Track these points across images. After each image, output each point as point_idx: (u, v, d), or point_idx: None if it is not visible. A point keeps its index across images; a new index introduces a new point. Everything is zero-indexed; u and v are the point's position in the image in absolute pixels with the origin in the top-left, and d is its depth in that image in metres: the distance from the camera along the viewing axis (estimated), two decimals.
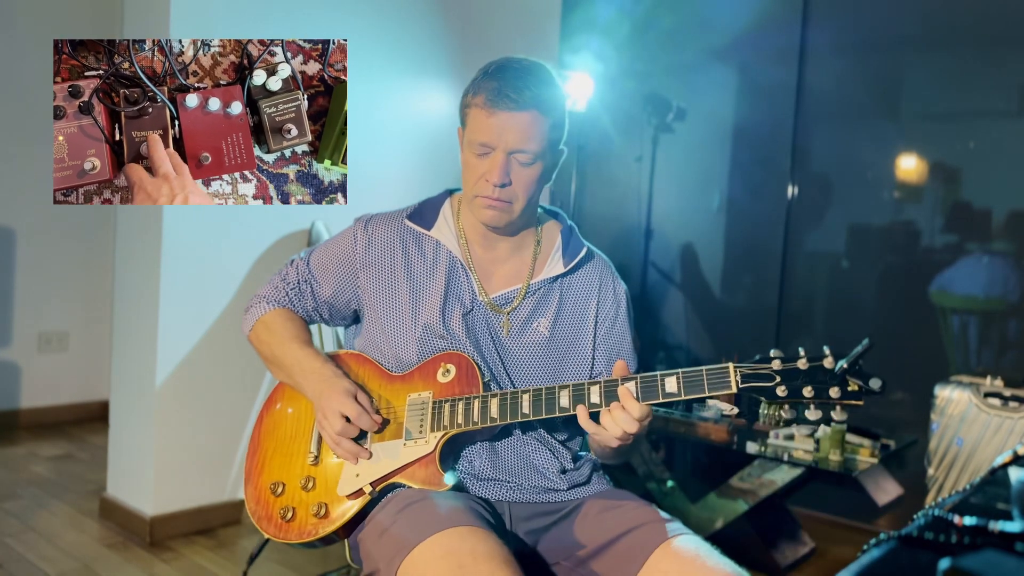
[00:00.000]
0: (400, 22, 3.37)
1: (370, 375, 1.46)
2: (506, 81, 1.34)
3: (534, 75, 1.37)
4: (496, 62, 1.39)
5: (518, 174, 1.38)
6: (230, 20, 2.76)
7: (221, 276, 2.87)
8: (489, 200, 1.39)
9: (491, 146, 1.36)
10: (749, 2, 3.48)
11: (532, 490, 1.43)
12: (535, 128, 1.36)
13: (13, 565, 2.50)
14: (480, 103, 1.36)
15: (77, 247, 4.13)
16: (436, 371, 1.41)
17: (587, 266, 1.53)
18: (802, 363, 1.19)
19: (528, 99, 1.34)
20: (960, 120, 3.09)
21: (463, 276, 1.47)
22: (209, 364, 2.85)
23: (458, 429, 1.34)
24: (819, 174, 3.37)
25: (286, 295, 1.56)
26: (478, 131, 1.37)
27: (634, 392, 1.25)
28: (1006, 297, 2.94)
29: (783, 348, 1.21)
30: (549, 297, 1.48)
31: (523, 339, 1.46)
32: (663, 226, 3.65)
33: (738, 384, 1.21)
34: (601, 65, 3.67)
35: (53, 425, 4.03)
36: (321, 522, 1.38)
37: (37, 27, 3.85)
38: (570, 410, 1.28)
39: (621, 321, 1.54)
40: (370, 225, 1.51)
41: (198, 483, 2.87)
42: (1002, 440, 2.43)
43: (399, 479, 1.35)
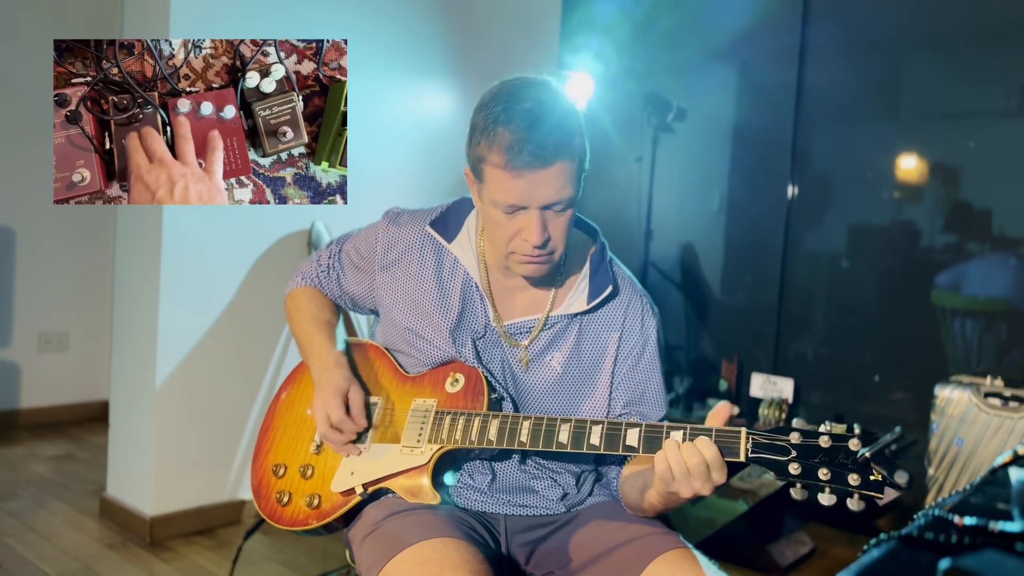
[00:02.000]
0: (400, 22, 3.37)
1: (384, 370, 1.45)
2: (524, 135, 1.19)
3: (552, 116, 1.22)
4: (502, 101, 1.23)
5: (554, 224, 1.26)
6: (230, 20, 2.76)
7: (221, 276, 2.87)
8: (529, 258, 1.28)
9: (522, 205, 1.24)
10: (749, 2, 3.48)
11: (529, 509, 1.41)
12: (565, 176, 1.23)
13: (13, 565, 2.50)
14: (499, 163, 1.22)
15: (77, 247, 4.13)
16: (446, 379, 1.38)
17: (617, 297, 1.41)
18: (824, 440, 1.08)
19: (553, 151, 1.20)
20: (960, 120, 3.09)
21: (478, 300, 1.40)
22: (209, 364, 2.85)
23: (454, 445, 1.30)
24: (819, 174, 3.37)
25: (317, 276, 1.57)
26: (503, 192, 1.24)
27: (637, 442, 1.17)
28: (1006, 297, 2.94)
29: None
30: (568, 331, 1.39)
31: (535, 373, 1.38)
32: (663, 226, 3.66)
33: (748, 453, 1.11)
34: (601, 65, 3.67)
35: (53, 425, 4.03)
36: (313, 514, 1.37)
37: (37, 27, 3.85)
38: (567, 446, 1.22)
39: (648, 361, 1.41)
40: (394, 225, 1.46)
41: (198, 483, 2.87)
42: (1002, 440, 2.43)
43: (389, 485, 1.33)
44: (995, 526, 0.86)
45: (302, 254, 3.05)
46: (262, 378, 3.02)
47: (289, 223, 3.02)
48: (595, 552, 1.33)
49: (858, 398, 3.24)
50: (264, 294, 2.97)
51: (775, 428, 1.12)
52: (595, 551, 1.33)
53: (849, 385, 3.29)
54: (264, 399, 3.01)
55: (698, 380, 3.49)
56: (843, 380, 3.31)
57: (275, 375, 3.04)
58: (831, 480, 1.07)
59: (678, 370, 3.55)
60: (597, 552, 1.33)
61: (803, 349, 3.41)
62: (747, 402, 3.23)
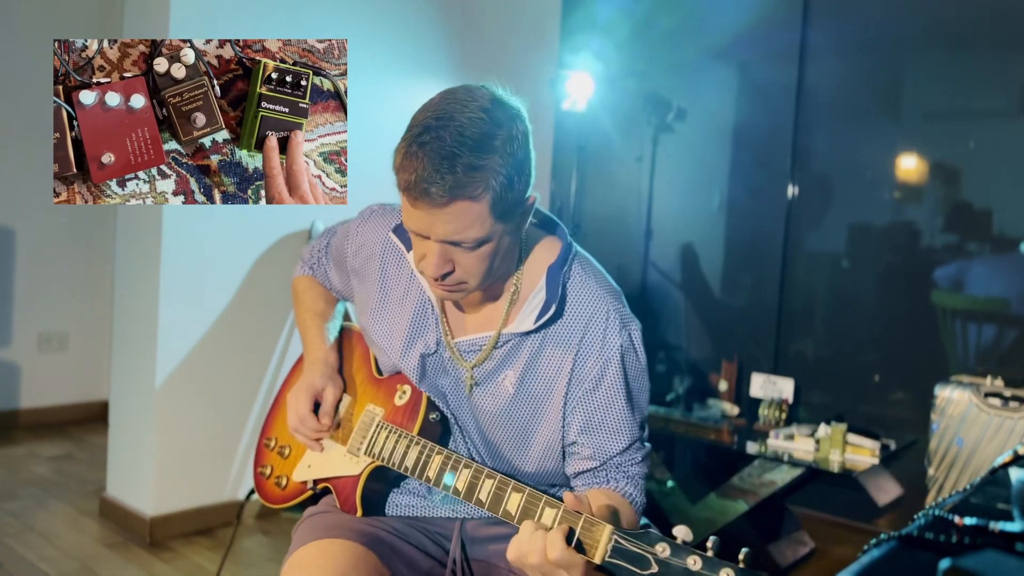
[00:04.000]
0: (400, 22, 3.37)
1: (360, 366, 1.45)
2: (419, 170, 1.07)
3: (459, 152, 1.07)
4: (417, 123, 1.12)
5: (462, 259, 1.14)
6: (230, 20, 2.76)
7: (221, 276, 2.87)
8: (434, 283, 1.18)
9: (423, 235, 1.14)
10: (749, 2, 3.48)
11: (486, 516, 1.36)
12: (468, 217, 1.09)
13: (13, 565, 2.50)
14: (401, 187, 1.12)
15: (77, 247, 4.13)
16: (396, 390, 1.34)
17: (574, 312, 1.24)
18: (692, 561, 0.93)
19: (449, 191, 1.07)
20: (960, 120, 3.09)
21: (430, 314, 1.31)
22: (209, 364, 2.85)
23: (382, 463, 1.28)
24: (819, 174, 3.37)
25: (311, 264, 1.58)
26: (407, 216, 1.14)
27: (515, 510, 1.09)
28: (1006, 297, 2.94)
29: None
30: (520, 349, 1.25)
31: (486, 394, 1.27)
32: (663, 226, 3.65)
33: (605, 555, 0.98)
34: (601, 65, 3.67)
35: (53, 425, 4.03)
36: (280, 495, 1.44)
37: (37, 27, 3.85)
38: (461, 494, 1.17)
39: (608, 386, 1.22)
40: (363, 226, 1.41)
41: (198, 483, 2.87)
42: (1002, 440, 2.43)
43: (331, 486, 1.36)
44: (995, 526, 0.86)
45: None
46: (262, 378, 3.01)
47: (289, 223, 3.02)
48: None
49: (858, 398, 3.24)
50: (264, 294, 2.97)
51: (644, 533, 0.98)
52: None
53: (849, 385, 3.29)
54: (264, 399, 3.01)
55: (698, 380, 3.49)
56: (843, 380, 3.31)
57: (275, 375, 3.03)
58: None
59: (678, 370, 3.55)
60: None
61: (803, 349, 3.41)
62: (747, 402, 3.23)
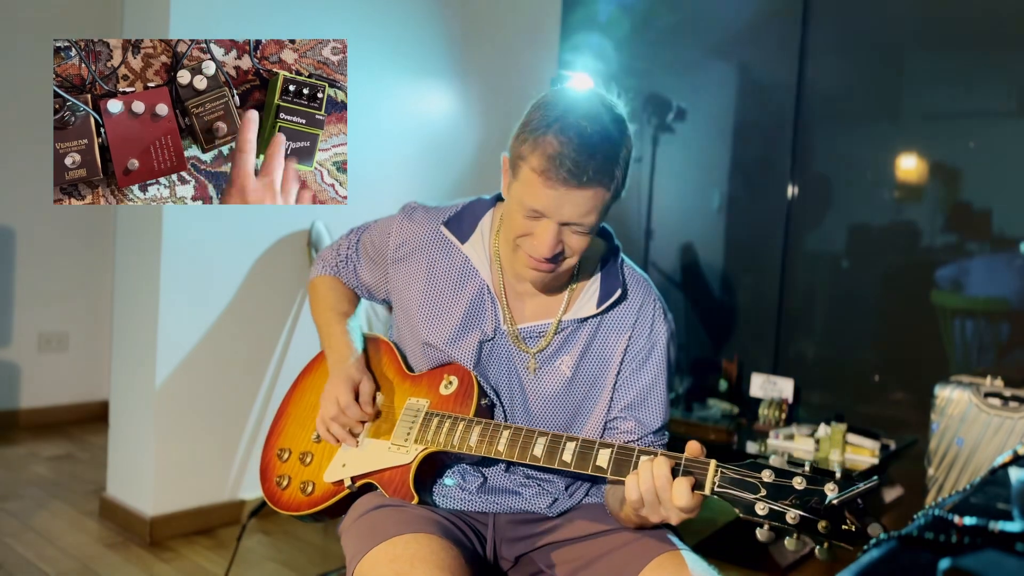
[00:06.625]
0: (400, 22, 3.37)
1: (389, 366, 1.47)
2: (571, 150, 1.17)
3: (604, 141, 1.19)
4: (562, 107, 1.21)
5: (570, 239, 1.25)
6: (230, 20, 2.76)
7: (221, 276, 2.87)
8: (535, 262, 1.26)
9: (543, 214, 1.22)
10: (749, 1, 3.49)
11: (517, 507, 1.41)
12: (595, 202, 1.22)
13: (13, 565, 2.50)
14: (537, 167, 1.19)
15: (77, 247, 4.13)
16: (441, 380, 1.39)
17: (629, 298, 1.39)
18: (798, 481, 1.02)
19: (593, 175, 1.18)
20: (960, 120, 3.09)
21: (489, 303, 1.38)
22: (209, 364, 2.85)
23: (437, 447, 1.31)
24: (819, 174, 3.37)
25: (335, 264, 1.58)
26: (531, 197, 1.22)
27: (606, 464, 1.16)
28: (1006, 297, 2.94)
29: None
30: (578, 335, 1.37)
31: (544, 378, 1.37)
32: (663, 226, 3.66)
33: (714, 486, 1.08)
34: (601, 64, 3.67)
35: (53, 425, 4.03)
36: (306, 500, 1.41)
37: (37, 27, 3.85)
38: (540, 460, 1.21)
39: (653, 366, 1.37)
40: (408, 221, 1.46)
41: (198, 483, 2.87)
42: (1002, 440, 2.43)
43: (375, 480, 1.36)
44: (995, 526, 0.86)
45: (302, 254, 3.05)
46: (262, 378, 3.01)
47: (289, 223, 3.02)
48: (589, 555, 1.32)
49: (858, 398, 3.24)
50: (264, 294, 2.97)
51: (748, 463, 1.06)
52: (589, 553, 1.33)
53: (849, 385, 3.29)
54: (264, 399, 3.01)
55: (698, 380, 3.49)
56: (843, 380, 3.31)
57: (275, 375, 3.04)
58: (799, 525, 1.01)
59: (678, 370, 3.55)
60: (591, 555, 1.32)
61: (803, 349, 3.41)
62: (747, 402, 3.23)
